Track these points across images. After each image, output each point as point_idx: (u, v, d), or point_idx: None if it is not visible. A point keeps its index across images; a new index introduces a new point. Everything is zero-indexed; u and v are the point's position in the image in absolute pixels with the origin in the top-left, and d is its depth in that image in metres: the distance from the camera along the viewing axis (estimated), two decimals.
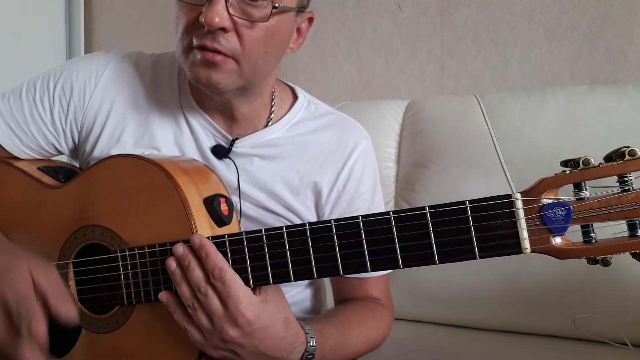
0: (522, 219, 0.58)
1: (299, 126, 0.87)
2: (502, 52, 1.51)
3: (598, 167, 0.57)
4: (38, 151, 0.86)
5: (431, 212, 0.61)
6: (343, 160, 0.87)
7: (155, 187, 0.71)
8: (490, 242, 0.59)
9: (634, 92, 1.18)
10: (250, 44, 0.72)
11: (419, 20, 1.61)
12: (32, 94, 0.83)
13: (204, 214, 0.71)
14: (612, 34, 1.39)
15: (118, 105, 0.83)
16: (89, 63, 0.85)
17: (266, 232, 0.66)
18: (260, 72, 0.77)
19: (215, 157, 0.83)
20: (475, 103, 1.30)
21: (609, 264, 0.57)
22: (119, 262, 0.72)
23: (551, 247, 0.58)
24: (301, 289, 0.93)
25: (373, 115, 1.40)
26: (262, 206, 0.84)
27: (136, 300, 0.71)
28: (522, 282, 1.17)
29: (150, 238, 0.71)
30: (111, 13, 2.12)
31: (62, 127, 0.84)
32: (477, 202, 0.60)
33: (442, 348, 1.14)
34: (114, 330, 0.74)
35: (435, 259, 0.60)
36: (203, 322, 0.65)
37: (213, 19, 0.68)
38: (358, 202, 0.88)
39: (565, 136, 1.19)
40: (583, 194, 0.58)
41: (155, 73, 0.86)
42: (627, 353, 0.96)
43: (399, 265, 0.62)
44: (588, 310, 1.08)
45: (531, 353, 1.11)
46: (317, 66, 1.75)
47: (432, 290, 1.26)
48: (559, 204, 0.57)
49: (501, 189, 1.24)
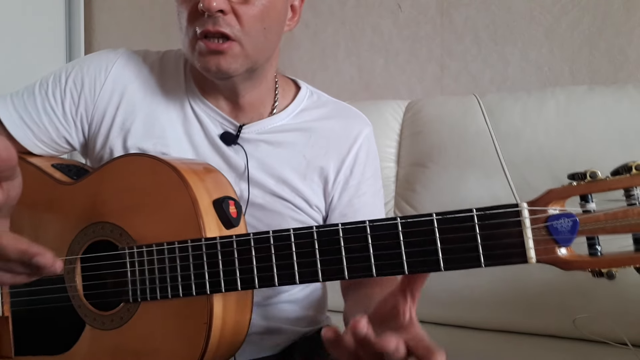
0: (528, 228, 0.58)
1: (303, 114, 0.90)
2: (502, 52, 1.51)
3: (605, 180, 0.57)
4: (50, 145, 0.88)
5: (438, 219, 0.61)
6: (348, 146, 0.89)
7: (167, 186, 0.72)
8: (496, 250, 0.59)
9: (634, 92, 1.18)
10: (249, 21, 0.76)
11: (419, 20, 1.61)
12: (45, 88, 0.86)
13: (213, 215, 0.72)
14: (612, 34, 1.39)
15: (128, 97, 0.86)
16: (99, 59, 0.88)
17: (274, 233, 0.66)
18: (262, 50, 0.80)
19: (224, 144, 0.85)
20: (475, 103, 1.31)
21: (614, 277, 0.58)
22: (126, 259, 0.72)
23: (556, 257, 0.58)
24: (302, 287, 0.93)
25: (373, 115, 1.38)
26: (270, 191, 0.85)
27: (141, 297, 0.72)
28: (522, 282, 1.17)
29: (158, 236, 0.71)
30: (111, 13, 2.12)
31: (73, 118, 0.86)
32: (484, 211, 0.60)
33: (442, 348, 1.14)
34: (117, 327, 0.74)
35: (440, 265, 0.60)
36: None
37: (211, 3, 0.72)
38: (364, 187, 0.90)
39: (565, 136, 1.19)
40: (589, 206, 0.58)
41: (162, 67, 0.89)
42: (627, 353, 0.96)
43: (404, 271, 0.62)
44: (588, 310, 1.08)
45: (531, 353, 1.12)
46: (317, 66, 1.75)
47: (431, 290, 1.25)
48: (565, 215, 0.58)
49: (501, 189, 1.25)
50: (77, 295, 0.77)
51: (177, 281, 0.69)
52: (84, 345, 0.76)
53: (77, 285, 0.77)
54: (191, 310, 0.71)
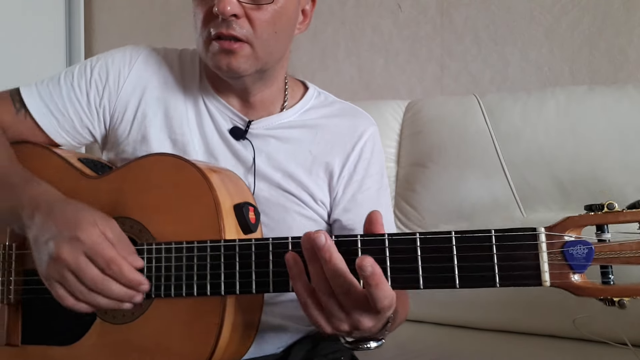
0: (545, 252, 0.60)
1: (310, 112, 0.94)
2: (502, 52, 1.51)
3: (621, 212, 0.59)
4: (73, 135, 0.90)
5: (457, 237, 0.62)
6: (353, 142, 0.92)
7: (190, 185, 0.74)
8: (512, 272, 0.60)
9: (634, 92, 1.18)
10: (261, 26, 0.80)
11: (419, 20, 1.61)
12: (70, 79, 0.90)
13: (233, 219, 0.73)
14: (612, 34, 1.39)
15: (149, 91, 0.90)
16: (124, 53, 0.92)
17: (292, 239, 0.67)
18: (273, 53, 0.84)
19: (234, 138, 0.88)
20: (475, 103, 1.31)
21: (625, 306, 0.60)
22: (144, 254, 0.73)
23: (570, 283, 0.60)
24: None
25: (373, 115, 1.38)
26: (276, 185, 0.88)
27: (155, 294, 0.72)
28: None
29: (177, 235, 0.72)
30: (111, 13, 2.12)
31: (97, 109, 0.89)
32: (503, 232, 0.61)
33: (442, 348, 1.14)
34: (128, 322, 0.74)
35: (456, 283, 0.62)
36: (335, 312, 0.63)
37: (225, 8, 0.76)
38: (368, 182, 0.92)
39: (565, 136, 1.19)
40: (605, 236, 0.60)
41: (181, 63, 0.93)
42: (627, 353, 0.96)
43: (419, 286, 0.63)
44: (588, 310, 1.07)
45: (531, 353, 1.12)
46: (317, 66, 1.75)
47: (432, 290, 1.26)
48: (581, 243, 0.59)
49: (501, 189, 1.25)
50: None
51: (193, 280, 0.70)
52: (93, 338, 0.76)
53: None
54: (203, 310, 0.71)
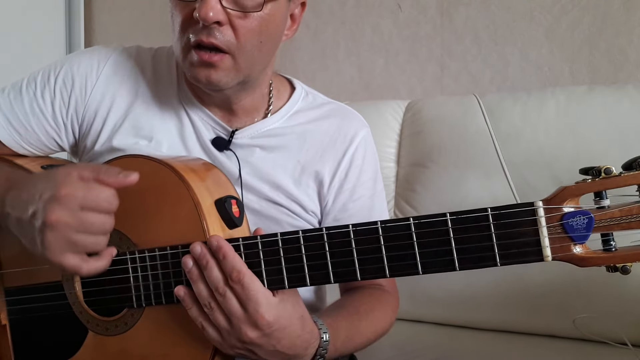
0: (544, 227, 0.58)
1: (298, 116, 0.88)
2: (502, 52, 1.51)
3: (619, 176, 0.57)
4: (38, 147, 0.85)
5: (452, 219, 0.60)
6: (344, 149, 0.87)
7: (167, 188, 0.71)
8: (512, 249, 0.59)
9: (634, 92, 1.18)
10: (245, 36, 0.72)
11: (419, 20, 1.61)
12: (33, 88, 0.83)
13: (216, 216, 0.70)
14: (612, 34, 1.38)
15: (120, 98, 0.83)
16: (90, 56, 0.85)
17: (282, 236, 0.65)
18: (256, 64, 0.78)
19: (216, 149, 0.83)
20: (475, 103, 1.30)
21: (629, 272, 0.58)
22: (128, 264, 0.71)
23: (572, 255, 0.59)
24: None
25: (373, 115, 1.39)
26: (265, 197, 0.83)
27: (146, 303, 0.70)
28: (523, 282, 1.17)
29: (160, 240, 0.70)
30: (111, 13, 2.12)
31: (63, 120, 0.84)
32: (499, 210, 0.60)
33: (442, 348, 1.14)
34: (122, 332, 0.73)
35: (455, 265, 0.60)
36: (221, 322, 0.65)
37: (207, 14, 0.68)
38: (360, 190, 0.88)
39: (565, 136, 1.19)
40: (604, 203, 0.59)
41: (154, 67, 0.86)
42: (627, 353, 0.96)
43: (418, 272, 0.62)
44: (588, 310, 1.08)
45: (531, 353, 1.11)
46: (317, 66, 1.75)
47: (431, 290, 1.26)
48: (580, 213, 0.58)
49: (501, 189, 1.25)
50: (78, 301, 0.75)
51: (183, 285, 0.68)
52: (88, 352, 0.75)
53: (77, 292, 0.75)
54: None
